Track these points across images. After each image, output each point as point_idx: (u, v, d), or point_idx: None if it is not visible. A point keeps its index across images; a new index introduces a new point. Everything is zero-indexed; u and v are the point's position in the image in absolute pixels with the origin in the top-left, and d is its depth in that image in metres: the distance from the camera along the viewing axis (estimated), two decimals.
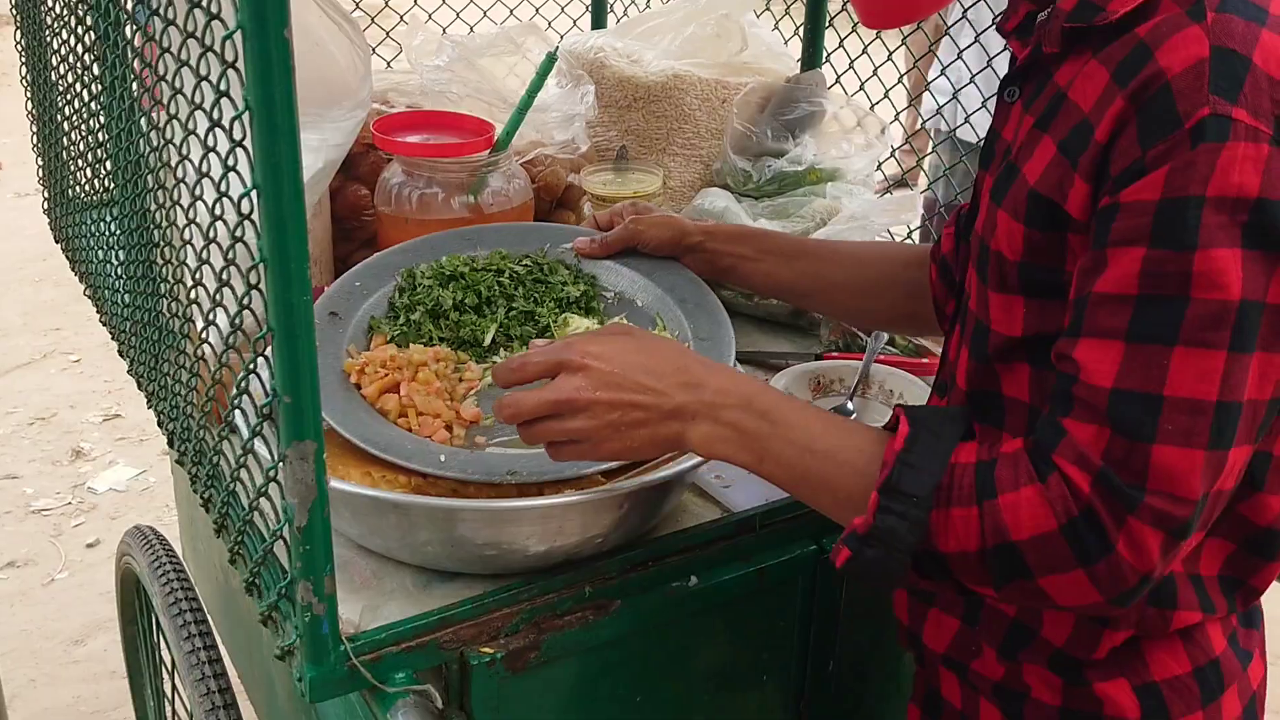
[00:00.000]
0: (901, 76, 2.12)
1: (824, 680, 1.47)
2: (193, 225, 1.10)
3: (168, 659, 1.87)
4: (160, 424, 1.50)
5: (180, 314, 1.25)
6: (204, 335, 1.15)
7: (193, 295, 1.15)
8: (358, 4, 2.43)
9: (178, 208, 1.14)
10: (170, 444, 1.48)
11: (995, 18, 1.37)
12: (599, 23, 2.66)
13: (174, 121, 1.09)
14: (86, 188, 1.77)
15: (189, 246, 1.14)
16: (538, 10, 2.61)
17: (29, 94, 1.98)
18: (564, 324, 1.47)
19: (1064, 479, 0.90)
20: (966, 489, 0.94)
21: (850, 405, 1.59)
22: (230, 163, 0.93)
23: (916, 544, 0.96)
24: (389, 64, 2.35)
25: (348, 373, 1.37)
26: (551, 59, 1.70)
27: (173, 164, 1.12)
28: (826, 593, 1.41)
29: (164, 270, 1.29)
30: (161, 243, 1.27)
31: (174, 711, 2.03)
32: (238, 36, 0.84)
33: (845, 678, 1.49)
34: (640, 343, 1.09)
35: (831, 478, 1.02)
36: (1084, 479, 0.89)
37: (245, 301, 0.98)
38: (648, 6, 2.66)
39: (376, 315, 1.48)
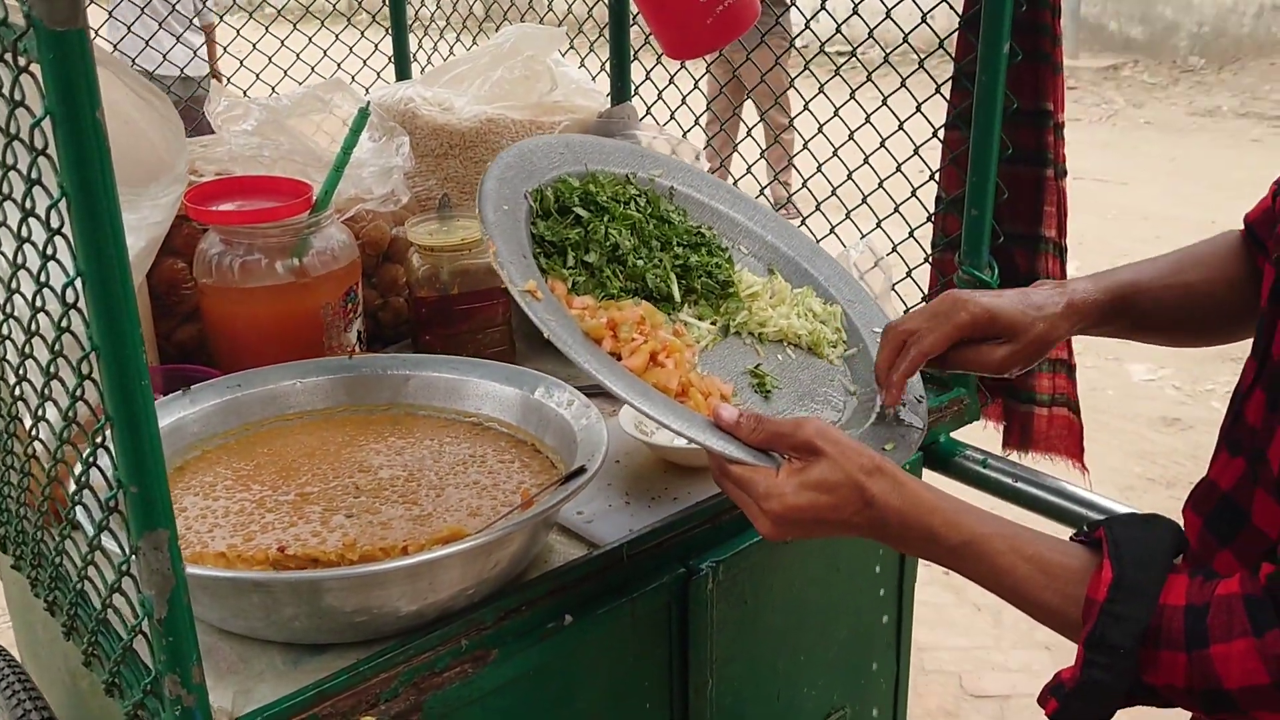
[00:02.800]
0: (710, 103, 2.18)
1: (704, 700, 1.49)
2: (11, 320, 1.06)
3: None
4: None
5: (4, 413, 1.19)
6: (34, 432, 1.11)
7: (17, 392, 1.10)
8: (151, 74, 2.37)
9: None
10: (2, 549, 1.40)
11: None
12: (403, 74, 2.65)
13: None
14: None
15: (9, 342, 1.09)
16: (339, 65, 2.59)
17: None
18: (740, 279, 1.50)
19: None
20: (1176, 634, 0.93)
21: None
22: (49, 252, 0.90)
23: (1124, 690, 0.95)
24: (189, 132, 2.29)
25: (595, 338, 1.27)
26: (365, 114, 1.69)
27: None
28: (699, 613, 1.43)
29: None
30: None
31: None
32: (47, 123, 0.81)
33: (724, 695, 1.52)
34: (834, 498, 1.11)
35: (1027, 607, 1.04)
36: None
37: (78, 393, 0.94)
38: (450, 55, 2.67)
39: (529, 249, 1.34)
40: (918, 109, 1.78)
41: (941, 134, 1.79)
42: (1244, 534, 1.02)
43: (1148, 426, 4.53)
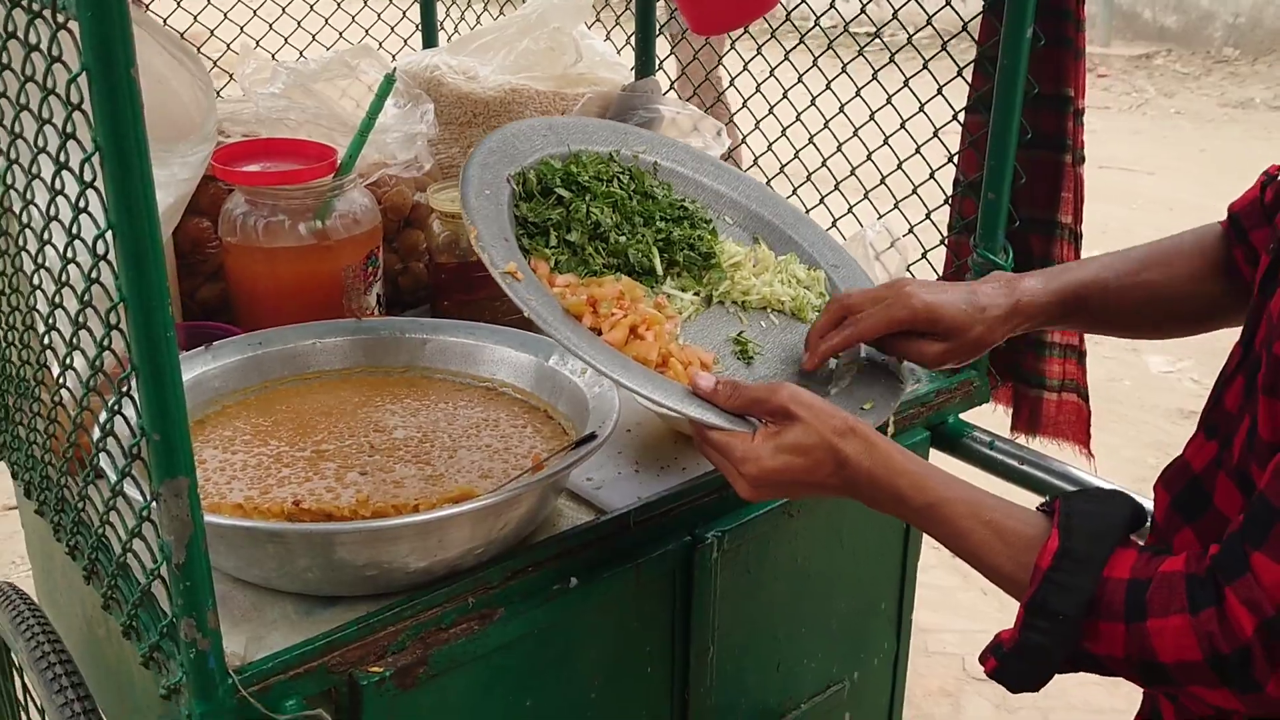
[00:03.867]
0: (734, 79, 2.19)
1: (705, 666, 1.52)
2: (42, 270, 1.09)
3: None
4: (15, 475, 1.47)
5: (33, 361, 1.22)
6: (61, 380, 1.14)
7: (46, 341, 1.13)
8: (182, 34, 2.39)
9: (24, 254, 1.12)
10: (27, 494, 1.44)
11: None
12: (430, 41, 2.67)
13: (15, 167, 1.07)
14: None
15: (39, 292, 1.13)
16: (367, 31, 2.61)
17: None
18: (722, 250, 1.53)
19: (1222, 614, 0.90)
20: (1117, 606, 0.95)
21: None
22: (81, 205, 0.93)
23: (1063, 656, 0.98)
24: (219, 93, 2.31)
25: (576, 314, 1.29)
26: (390, 80, 1.71)
27: (16, 210, 1.10)
28: (703, 581, 1.46)
29: (12, 318, 1.27)
30: (8, 290, 1.24)
31: None
32: (82, 79, 0.84)
33: (725, 663, 1.55)
34: (808, 461, 1.14)
35: (985, 570, 1.08)
36: (1250, 622, 0.88)
37: (105, 343, 0.97)
38: (478, 23, 2.68)
39: (511, 231, 1.37)
40: (939, 91, 1.79)
41: (962, 117, 1.80)
42: (1207, 515, 1.05)
43: (1164, 418, 4.52)
